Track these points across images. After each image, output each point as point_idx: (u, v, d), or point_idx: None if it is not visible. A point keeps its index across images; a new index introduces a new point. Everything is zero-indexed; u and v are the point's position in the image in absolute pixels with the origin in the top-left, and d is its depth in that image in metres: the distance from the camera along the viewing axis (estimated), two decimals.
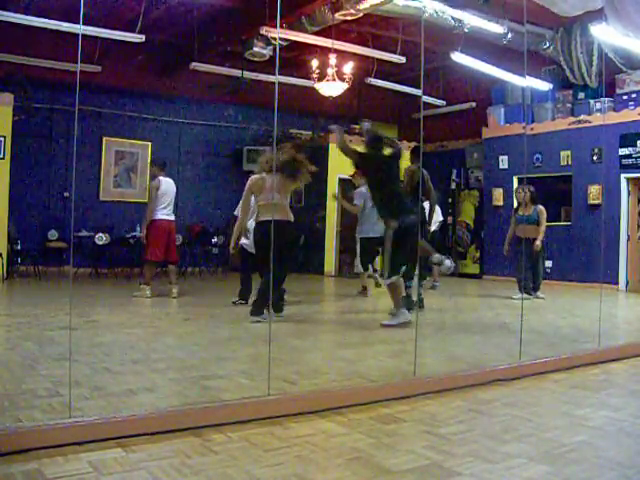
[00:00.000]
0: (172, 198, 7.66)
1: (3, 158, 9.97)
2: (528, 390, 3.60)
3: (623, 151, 10.30)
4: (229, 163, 13.19)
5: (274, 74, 9.68)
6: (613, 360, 4.43)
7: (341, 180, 12.07)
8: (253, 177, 5.96)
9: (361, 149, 5.85)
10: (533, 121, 11.74)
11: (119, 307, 6.71)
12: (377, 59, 10.56)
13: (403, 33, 9.68)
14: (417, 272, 6.68)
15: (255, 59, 9.95)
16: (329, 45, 9.39)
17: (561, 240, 10.73)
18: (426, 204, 7.03)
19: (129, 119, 12.03)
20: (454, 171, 13.45)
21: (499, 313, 7.10)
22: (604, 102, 10.64)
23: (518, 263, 8.33)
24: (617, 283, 10.20)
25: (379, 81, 11.29)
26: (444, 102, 12.53)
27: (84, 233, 10.71)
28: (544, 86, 11.15)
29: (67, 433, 2.45)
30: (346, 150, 5.69)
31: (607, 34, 7.92)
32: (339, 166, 12.21)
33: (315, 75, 9.62)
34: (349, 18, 8.49)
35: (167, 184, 7.63)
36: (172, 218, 7.68)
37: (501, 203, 12.14)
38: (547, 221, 8.42)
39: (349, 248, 11.13)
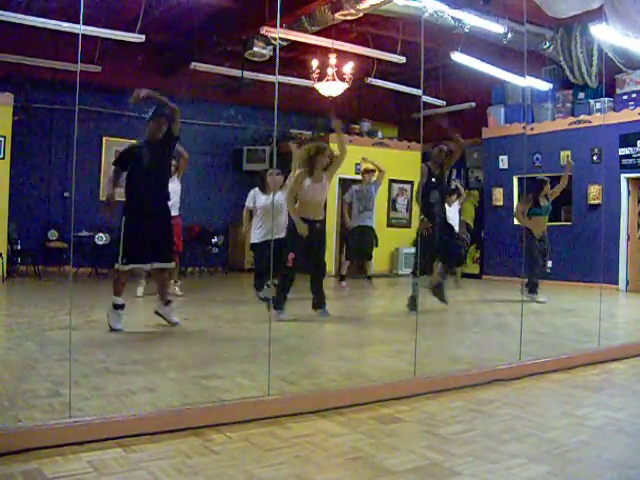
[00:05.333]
0: None
1: (3, 158, 9.97)
2: (528, 390, 3.60)
3: (623, 151, 10.30)
4: (229, 163, 13.19)
5: (274, 74, 9.67)
6: (613, 360, 4.43)
7: (341, 180, 12.09)
8: None
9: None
10: (533, 121, 11.74)
11: None
12: (377, 59, 10.55)
13: (403, 33, 9.67)
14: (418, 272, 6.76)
15: (255, 59, 9.95)
16: (329, 45, 9.39)
17: (561, 240, 10.71)
18: None
19: (129, 119, 12.01)
20: (454, 171, 13.44)
21: (499, 313, 7.10)
22: (604, 102, 10.64)
23: (534, 261, 7.90)
24: (617, 283, 10.20)
25: (379, 81, 11.28)
26: (444, 102, 12.53)
27: (84, 233, 10.70)
28: (544, 86, 11.14)
29: (67, 433, 2.45)
30: None
31: (607, 34, 7.92)
32: None
33: (315, 75, 9.61)
34: (349, 18, 8.48)
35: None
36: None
37: (501, 203, 12.14)
38: (547, 221, 8.39)
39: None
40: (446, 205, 7.32)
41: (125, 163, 5.28)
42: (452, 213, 8.83)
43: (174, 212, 7.38)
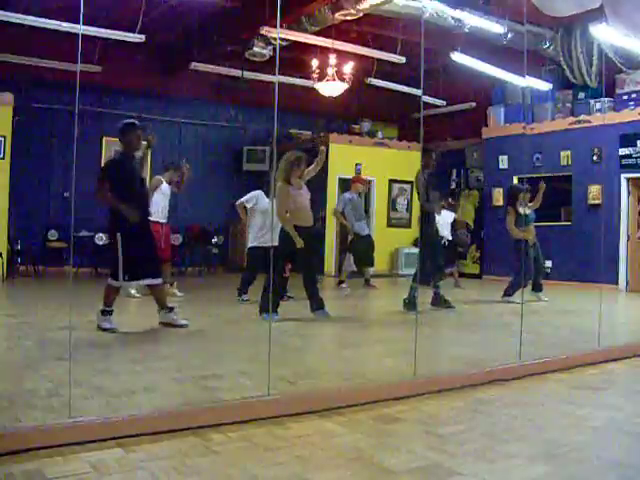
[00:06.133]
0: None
1: (3, 158, 9.96)
2: (528, 390, 3.60)
3: (623, 151, 10.30)
4: (229, 163, 13.19)
5: (274, 74, 9.68)
6: (613, 360, 4.43)
7: (341, 180, 12.09)
8: None
9: None
10: (533, 121, 11.74)
11: (118, 307, 6.70)
12: (377, 59, 10.55)
13: (403, 33, 9.67)
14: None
15: (255, 59, 9.95)
16: (329, 45, 9.39)
17: (561, 240, 10.72)
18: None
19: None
20: (454, 171, 13.45)
21: (499, 313, 7.10)
22: (604, 102, 10.63)
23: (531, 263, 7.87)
24: (617, 283, 10.19)
25: (379, 81, 11.28)
26: (444, 102, 12.53)
27: (84, 233, 10.70)
28: (544, 86, 11.14)
29: (67, 433, 2.45)
30: None
31: (607, 34, 7.93)
32: (339, 166, 12.25)
33: (315, 75, 9.61)
34: (349, 18, 8.48)
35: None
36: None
37: (501, 203, 12.11)
38: (547, 221, 8.39)
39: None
40: (437, 215, 7.45)
41: (111, 176, 5.38)
42: (444, 223, 9.01)
43: (162, 219, 7.34)
